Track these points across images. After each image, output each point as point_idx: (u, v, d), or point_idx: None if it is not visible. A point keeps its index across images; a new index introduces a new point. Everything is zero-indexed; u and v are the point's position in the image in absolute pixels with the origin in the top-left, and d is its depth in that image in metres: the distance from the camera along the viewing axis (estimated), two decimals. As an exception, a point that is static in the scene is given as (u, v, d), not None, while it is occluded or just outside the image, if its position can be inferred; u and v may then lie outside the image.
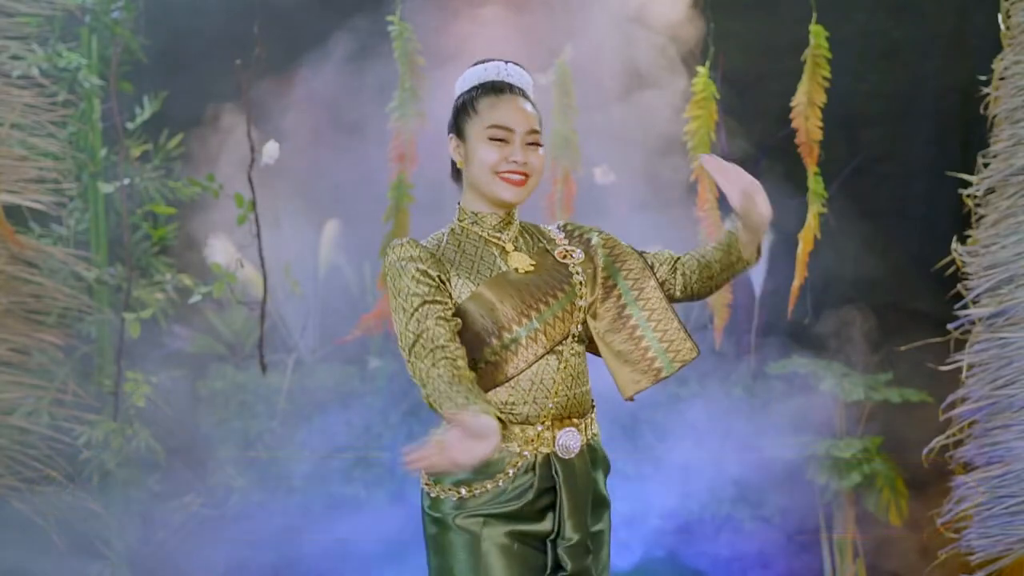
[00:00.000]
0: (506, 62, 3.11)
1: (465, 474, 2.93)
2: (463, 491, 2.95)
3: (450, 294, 2.95)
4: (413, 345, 2.87)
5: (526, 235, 3.10)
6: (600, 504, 3.08)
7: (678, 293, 3.15)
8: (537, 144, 3.04)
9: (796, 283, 5.88)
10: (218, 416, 6.23)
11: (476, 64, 3.12)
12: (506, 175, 3.00)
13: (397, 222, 5.92)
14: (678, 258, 3.16)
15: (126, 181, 5.85)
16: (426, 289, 2.92)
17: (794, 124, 5.82)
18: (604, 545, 3.09)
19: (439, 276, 2.94)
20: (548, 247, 3.10)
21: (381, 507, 6.14)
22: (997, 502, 4.96)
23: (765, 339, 6.29)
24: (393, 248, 2.99)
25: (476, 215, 3.05)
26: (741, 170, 3.06)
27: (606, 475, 3.12)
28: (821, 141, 5.81)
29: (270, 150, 5.83)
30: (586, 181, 6.07)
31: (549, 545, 2.98)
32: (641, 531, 6.01)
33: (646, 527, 6.05)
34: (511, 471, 2.94)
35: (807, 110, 5.79)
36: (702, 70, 5.87)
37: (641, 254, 3.16)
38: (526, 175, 3.01)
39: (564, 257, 3.08)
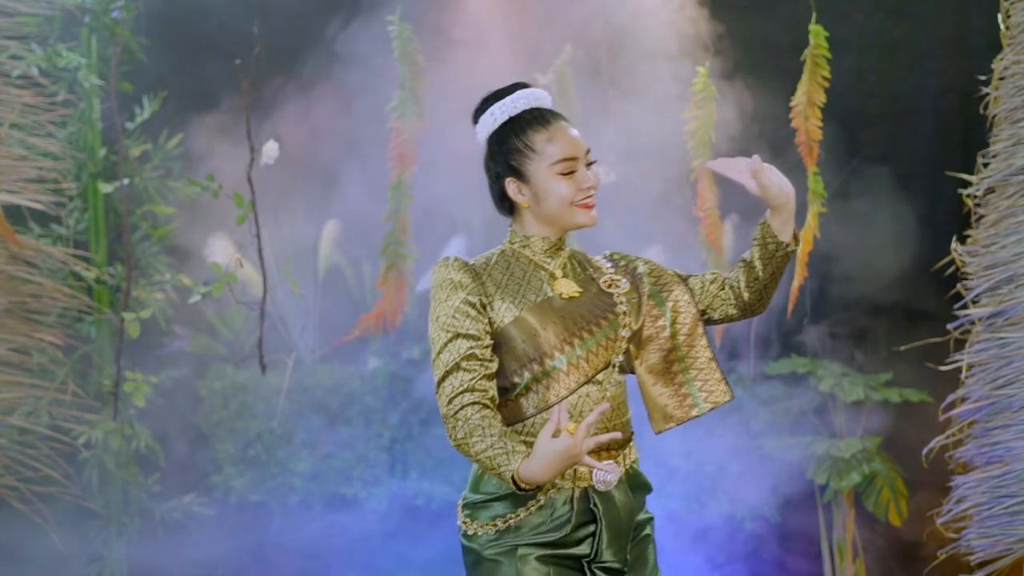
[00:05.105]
0: (527, 88, 3.06)
1: (500, 507, 2.93)
2: (499, 523, 2.94)
3: (490, 320, 2.93)
4: (442, 379, 2.88)
5: (574, 263, 3.08)
6: (642, 522, 3.07)
7: (733, 310, 3.12)
8: (591, 160, 3.05)
9: (796, 283, 5.88)
10: (218, 416, 6.23)
11: (491, 100, 3.05)
12: (582, 203, 2.99)
13: (397, 222, 5.91)
14: (726, 276, 3.14)
15: (126, 181, 5.84)
16: (463, 321, 2.89)
17: (794, 124, 5.81)
18: (649, 544, 3.08)
19: (480, 302, 2.92)
20: (594, 275, 3.08)
21: (381, 507, 6.14)
22: (997, 502, 4.95)
23: (765, 339, 6.29)
24: (440, 266, 2.96)
25: (527, 238, 3.03)
26: (742, 158, 3.05)
27: (647, 495, 3.11)
28: (821, 141, 5.81)
29: (270, 150, 5.83)
30: (586, 181, 6.07)
31: (585, 564, 2.97)
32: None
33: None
34: (542, 498, 2.92)
35: (807, 110, 5.78)
36: (702, 70, 5.86)
37: (687, 281, 3.13)
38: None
39: (609, 286, 3.05)
